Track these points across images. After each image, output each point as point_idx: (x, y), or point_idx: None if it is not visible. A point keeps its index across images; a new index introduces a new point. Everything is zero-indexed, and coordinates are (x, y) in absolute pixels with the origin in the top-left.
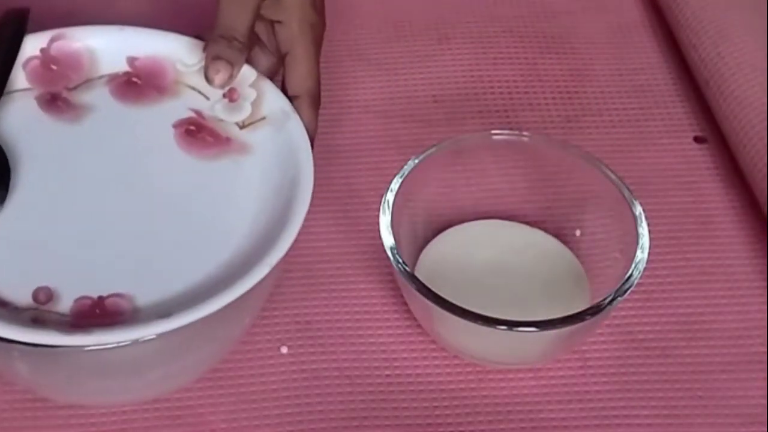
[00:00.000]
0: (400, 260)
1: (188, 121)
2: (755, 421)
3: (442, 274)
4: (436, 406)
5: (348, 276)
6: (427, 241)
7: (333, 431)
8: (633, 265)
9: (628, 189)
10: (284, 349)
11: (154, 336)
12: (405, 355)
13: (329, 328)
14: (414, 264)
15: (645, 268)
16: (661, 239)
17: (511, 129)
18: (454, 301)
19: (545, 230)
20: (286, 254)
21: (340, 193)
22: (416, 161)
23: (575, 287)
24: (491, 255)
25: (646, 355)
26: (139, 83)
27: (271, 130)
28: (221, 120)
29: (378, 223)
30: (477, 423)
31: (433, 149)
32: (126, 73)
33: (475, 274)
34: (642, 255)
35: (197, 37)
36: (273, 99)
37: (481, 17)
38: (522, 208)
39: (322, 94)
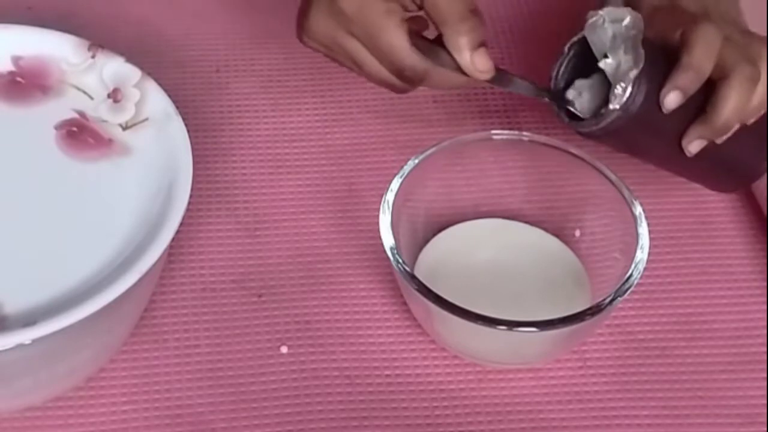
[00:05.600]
0: (400, 260)
1: (70, 123)
2: (755, 421)
3: (442, 274)
4: (436, 406)
5: (348, 276)
6: (426, 241)
7: (333, 431)
8: (633, 265)
9: (628, 189)
10: (284, 349)
11: (14, 345)
12: (405, 355)
13: (329, 328)
14: (414, 264)
15: (645, 268)
16: (661, 239)
17: (511, 129)
18: (454, 301)
19: (545, 230)
20: (159, 261)
21: (340, 193)
22: (416, 161)
23: (575, 287)
24: (491, 255)
25: (646, 355)
26: (22, 83)
27: (153, 132)
28: (105, 121)
29: (378, 223)
30: (477, 423)
31: (433, 149)
32: (10, 73)
33: (475, 274)
34: (642, 255)
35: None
36: (156, 100)
37: None
38: (522, 208)
39: (322, 94)
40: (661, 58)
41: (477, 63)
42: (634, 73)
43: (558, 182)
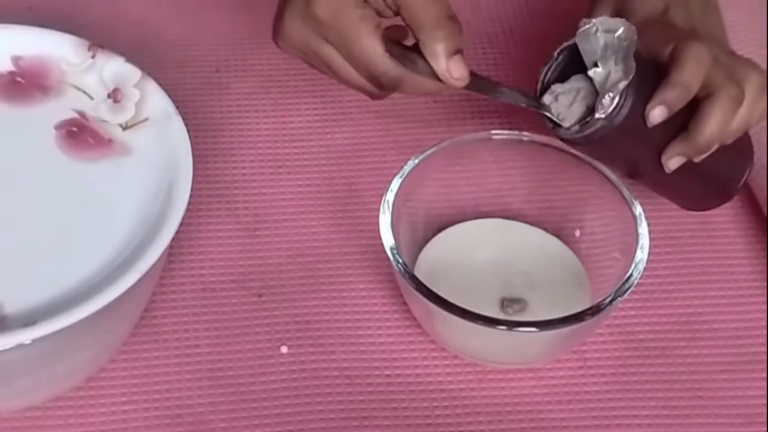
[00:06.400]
0: (400, 260)
1: (71, 123)
2: (755, 421)
3: (442, 274)
4: (436, 406)
5: (348, 276)
6: (426, 241)
7: (333, 431)
8: (633, 265)
9: (628, 189)
10: (284, 349)
11: (14, 345)
12: (405, 355)
13: (329, 328)
14: (414, 264)
15: (645, 268)
16: (661, 239)
17: (511, 129)
18: (454, 301)
19: (545, 230)
20: (159, 261)
21: (340, 193)
22: (416, 161)
23: (575, 287)
24: (491, 255)
25: (646, 355)
26: (22, 83)
27: (153, 132)
28: (105, 121)
29: (378, 223)
30: (477, 423)
31: (433, 149)
32: (10, 73)
33: (475, 274)
34: (642, 255)
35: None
36: (156, 100)
37: (481, 17)
38: (522, 208)
39: (322, 94)
40: (649, 71)
41: (453, 70)
42: (623, 85)
43: (558, 182)
